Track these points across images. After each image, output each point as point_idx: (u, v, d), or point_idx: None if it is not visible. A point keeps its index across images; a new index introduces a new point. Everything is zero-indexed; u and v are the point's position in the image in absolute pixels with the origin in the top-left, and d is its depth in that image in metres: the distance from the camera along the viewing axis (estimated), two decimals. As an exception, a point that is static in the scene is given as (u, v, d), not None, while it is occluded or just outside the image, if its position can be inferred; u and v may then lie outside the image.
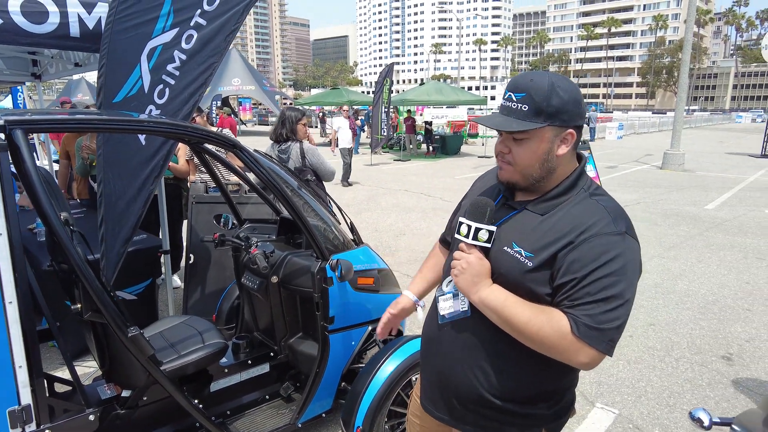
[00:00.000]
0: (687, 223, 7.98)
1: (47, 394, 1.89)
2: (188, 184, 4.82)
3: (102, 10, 2.97)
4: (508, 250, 1.26)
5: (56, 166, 5.52)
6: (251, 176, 3.08)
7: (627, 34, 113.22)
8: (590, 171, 10.81)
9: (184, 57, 2.91)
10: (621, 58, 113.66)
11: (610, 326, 1.15)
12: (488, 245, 1.28)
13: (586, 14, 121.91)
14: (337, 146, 12.31)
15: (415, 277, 1.73)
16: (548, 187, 1.29)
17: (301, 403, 2.50)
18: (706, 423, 1.55)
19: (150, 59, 2.89)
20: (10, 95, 12.67)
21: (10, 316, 1.57)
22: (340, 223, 2.80)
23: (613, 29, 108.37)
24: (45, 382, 1.82)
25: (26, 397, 1.63)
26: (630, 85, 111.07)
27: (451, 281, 1.37)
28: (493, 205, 1.29)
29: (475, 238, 1.27)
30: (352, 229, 2.85)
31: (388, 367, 2.31)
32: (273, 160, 2.84)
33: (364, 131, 20.07)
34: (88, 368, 3.36)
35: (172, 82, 2.94)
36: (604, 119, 32.59)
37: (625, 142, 25.51)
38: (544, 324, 1.17)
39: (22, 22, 2.71)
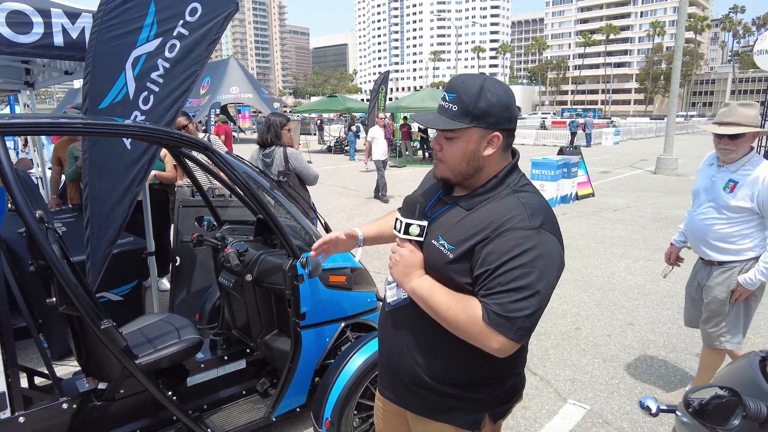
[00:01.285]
0: (676, 227, 8.03)
1: (28, 387, 1.98)
2: (175, 188, 4.92)
3: (86, 20, 3.08)
4: (435, 242, 1.35)
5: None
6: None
7: (625, 40, 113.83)
8: (581, 176, 10.93)
9: (167, 65, 3.05)
10: (619, 65, 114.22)
11: (518, 315, 1.20)
12: (421, 239, 1.37)
13: (583, 21, 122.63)
14: (370, 158, 11.21)
15: (372, 222, 1.80)
16: (477, 184, 1.37)
17: (275, 398, 2.59)
18: (654, 410, 1.64)
19: (134, 67, 3.02)
20: (7, 104, 12.82)
21: (-15, 307, 1.66)
22: (315, 224, 2.90)
23: (611, 36, 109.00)
24: (22, 373, 1.91)
25: (1, 385, 1.72)
26: (628, 91, 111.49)
27: None
28: (423, 202, 1.40)
29: (406, 232, 1.37)
30: (327, 229, 2.94)
31: (356, 361, 2.40)
32: (248, 163, 2.94)
33: (359, 138, 20.20)
34: (74, 367, 3.44)
35: (156, 89, 3.07)
36: (601, 125, 32.75)
37: (621, 147, 25.63)
38: (459, 311, 1.27)
39: (8, 33, 2.82)
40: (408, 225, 1.37)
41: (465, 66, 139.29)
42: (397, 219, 1.41)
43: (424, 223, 1.37)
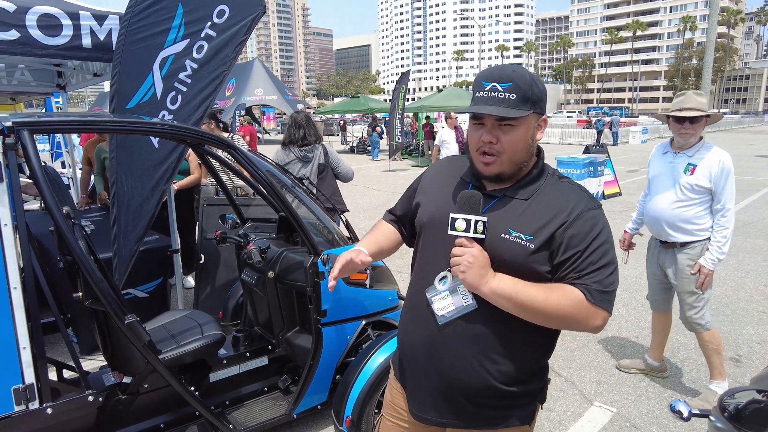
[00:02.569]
0: (706, 226, 7.81)
1: (57, 379, 2.03)
2: (200, 187, 5.00)
3: (112, 22, 3.15)
4: (507, 236, 1.29)
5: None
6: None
7: (653, 37, 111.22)
8: (608, 174, 10.70)
9: (195, 66, 3.12)
10: (647, 62, 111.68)
11: (613, 288, 1.29)
12: (483, 236, 1.30)
13: (610, 18, 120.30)
14: None
15: (367, 237, 1.66)
16: (522, 174, 1.37)
17: (296, 395, 2.59)
18: (685, 414, 1.57)
19: (162, 68, 3.09)
20: (44, 107, 13.26)
21: (15, 300, 1.71)
22: (337, 223, 2.90)
23: (639, 32, 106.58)
24: (51, 366, 1.95)
25: (30, 377, 1.76)
26: (657, 88, 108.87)
27: (444, 278, 1.36)
28: (482, 196, 1.32)
29: (474, 231, 1.29)
30: (348, 227, 2.94)
31: (377, 359, 2.38)
32: (271, 161, 2.96)
33: (383, 138, 20.22)
34: (102, 361, 3.52)
35: (184, 89, 3.14)
36: (627, 123, 32.04)
37: (649, 146, 25.03)
38: (560, 298, 1.26)
39: (39, 35, 2.90)
40: (476, 222, 1.27)
41: (489, 65, 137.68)
42: (456, 218, 1.30)
43: (485, 218, 1.30)
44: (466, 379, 1.35)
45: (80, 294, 1.99)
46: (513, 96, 1.27)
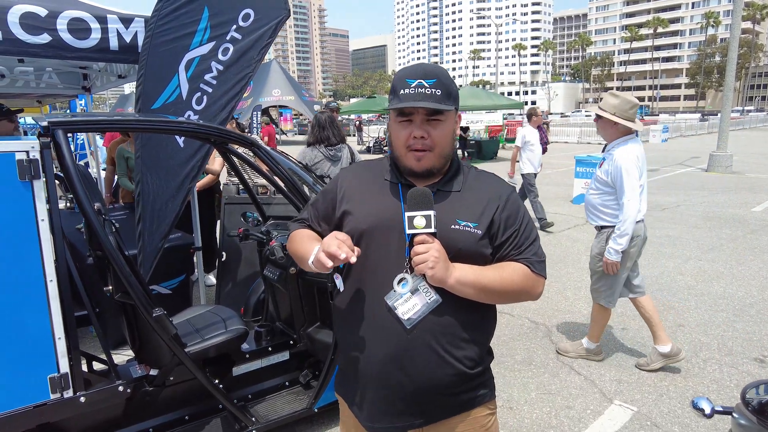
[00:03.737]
0: (730, 226, 7.68)
1: (87, 371, 2.10)
2: (220, 187, 5.08)
3: (138, 25, 3.24)
4: (457, 227, 1.35)
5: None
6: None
7: (674, 33, 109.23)
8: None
9: (221, 67, 3.22)
10: (668, 59, 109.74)
11: (545, 257, 1.45)
12: (435, 231, 1.30)
13: (630, 15, 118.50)
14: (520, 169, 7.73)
15: (309, 242, 1.44)
16: (445, 169, 1.43)
17: (317, 389, 2.63)
18: (708, 411, 1.58)
19: (188, 69, 3.20)
20: (69, 109, 13.59)
21: (51, 292, 1.78)
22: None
23: (660, 29, 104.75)
24: (84, 358, 2.02)
25: (64, 366, 1.83)
26: (678, 86, 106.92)
27: (403, 279, 1.32)
28: (431, 192, 1.32)
29: (433, 226, 1.29)
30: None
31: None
32: (293, 159, 3.01)
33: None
34: (127, 355, 3.61)
35: (210, 90, 3.24)
36: (648, 122, 31.54)
37: (669, 145, 24.62)
38: (512, 275, 1.37)
39: (69, 39, 3.00)
40: (432, 218, 1.27)
41: (506, 64, 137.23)
42: (414, 216, 1.28)
43: (435, 212, 1.30)
44: (439, 375, 1.36)
45: (110, 288, 2.06)
46: (438, 91, 1.32)
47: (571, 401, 3.16)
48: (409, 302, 1.33)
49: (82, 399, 1.94)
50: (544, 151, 8.30)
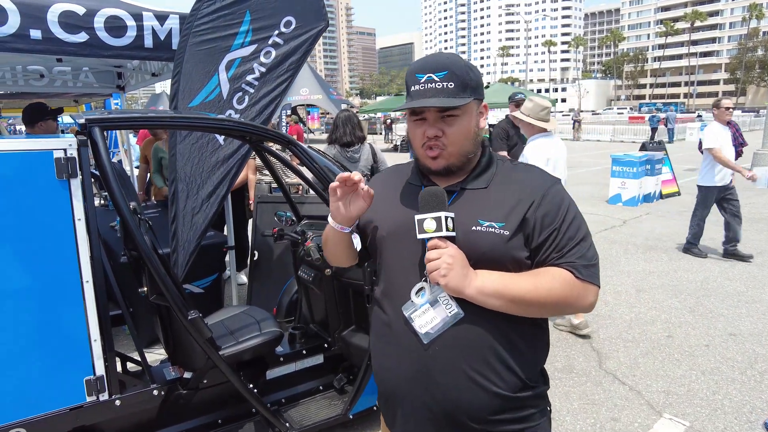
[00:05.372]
0: (778, 228, 7.30)
1: (121, 372, 2.07)
2: (247, 186, 5.07)
3: (173, 22, 3.22)
4: (479, 228, 1.20)
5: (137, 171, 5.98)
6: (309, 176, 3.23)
7: (712, 27, 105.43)
8: (666, 173, 10.18)
9: (263, 69, 3.29)
10: (705, 54, 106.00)
11: (596, 260, 1.23)
12: (454, 234, 1.19)
13: (665, 9, 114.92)
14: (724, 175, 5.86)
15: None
16: (471, 165, 1.29)
17: (352, 395, 2.55)
18: None
19: (228, 69, 3.25)
20: (104, 108, 13.95)
21: (87, 293, 1.74)
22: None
23: (697, 23, 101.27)
24: (117, 359, 1.99)
25: (100, 369, 1.80)
26: (716, 82, 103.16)
27: (421, 289, 1.23)
28: (444, 191, 1.22)
29: (445, 228, 1.17)
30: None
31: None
32: (330, 158, 2.93)
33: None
34: (159, 354, 3.61)
35: (251, 90, 3.30)
36: (683, 119, 30.51)
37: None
38: (550, 282, 1.18)
39: (105, 37, 2.99)
40: (446, 219, 1.16)
41: (535, 61, 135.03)
42: (424, 219, 1.17)
43: (453, 214, 1.19)
44: (469, 399, 1.20)
45: (145, 289, 2.02)
46: (451, 84, 1.19)
47: (616, 413, 3.00)
48: (426, 315, 1.21)
49: (118, 402, 1.90)
50: (739, 154, 6.20)
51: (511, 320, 1.21)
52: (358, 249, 1.40)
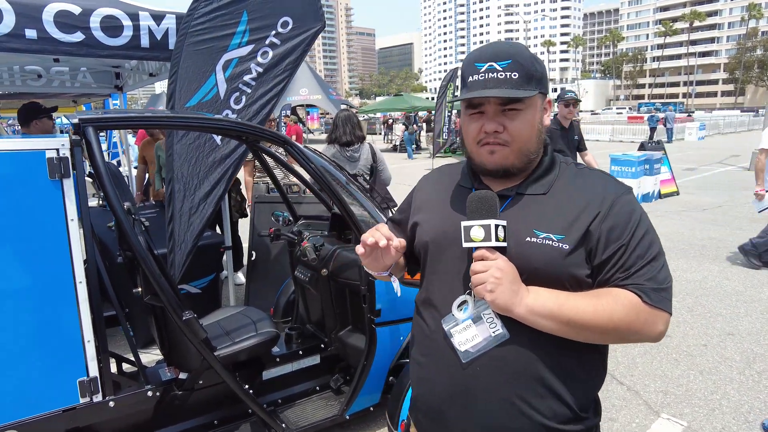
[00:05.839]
0: (777, 228, 7.29)
1: (116, 372, 2.06)
2: (240, 187, 5.07)
3: (169, 22, 3.22)
4: (534, 239, 1.08)
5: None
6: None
7: (711, 27, 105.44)
8: (665, 172, 10.18)
9: (260, 69, 3.29)
10: (704, 54, 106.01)
11: (669, 283, 1.09)
12: (505, 244, 1.07)
13: (664, 9, 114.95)
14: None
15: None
16: (531, 167, 1.16)
17: (349, 396, 2.54)
18: None
19: (225, 69, 3.25)
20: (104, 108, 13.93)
21: (80, 294, 1.73)
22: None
23: (696, 23, 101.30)
24: (112, 360, 1.98)
25: (94, 370, 1.79)
26: (715, 82, 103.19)
27: (464, 303, 1.12)
28: (497, 195, 1.09)
29: (495, 238, 1.05)
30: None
31: (433, 362, 2.30)
32: (326, 158, 2.93)
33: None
34: (156, 355, 3.60)
35: (249, 90, 3.30)
36: (682, 119, 30.53)
37: (707, 142, 23.75)
38: (612, 306, 1.04)
39: (101, 36, 2.99)
40: (497, 227, 1.05)
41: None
42: (471, 226, 1.06)
43: (505, 222, 1.07)
44: (511, 427, 1.10)
45: (140, 290, 2.01)
46: (515, 75, 1.07)
47: (614, 413, 2.99)
48: (467, 331, 1.11)
49: (111, 404, 1.89)
50: None
51: (564, 343, 1.08)
52: (398, 293, 1.34)
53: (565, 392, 1.10)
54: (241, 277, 5.13)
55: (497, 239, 1.04)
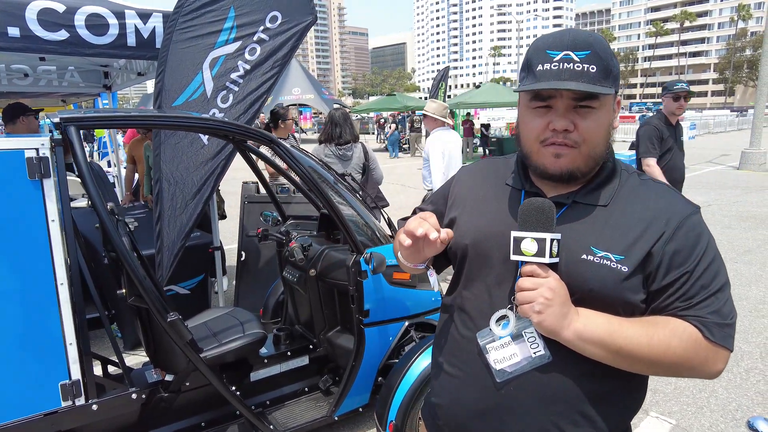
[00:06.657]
0: (766, 226, 7.35)
1: (102, 375, 2.03)
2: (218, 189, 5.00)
3: (156, 20, 3.19)
4: (590, 257, 0.97)
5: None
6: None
7: (702, 27, 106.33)
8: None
9: (248, 67, 3.23)
10: (694, 54, 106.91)
11: (734, 319, 0.99)
12: (557, 260, 0.97)
13: (655, 9, 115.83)
14: None
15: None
16: (591, 173, 1.04)
17: (337, 397, 2.53)
18: None
19: (212, 67, 3.20)
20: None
21: (62, 296, 1.70)
22: (379, 220, 2.82)
23: (686, 23, 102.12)
24: (97, 362, 1.95)
25: (76, 373, 1.76)
26: (705, 82, 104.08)
27: (504, 317, 1.03)
28: (554, 206, 0.97)
29: (549, 254, 0.95)
30: (390, 225, 2.85)
31: (421, 363, 2.29)
32: (313, 157, 2.91)
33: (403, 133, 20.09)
34: (146, 357, 3.56)
35: (236, 88, 3.24)
36: (675, 119, 30.66)
37: (697, 142, 23.94)
38: (669, 339, 0.95)
39: (86, 35, 2.95)
40: (552, 242, 0.95)
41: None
42: (519, 238, 0.97)
43: (559, 235, 0.97)
44: None
45: (124, 291, 1.98)
46: (593, 68, 0.94)
47: (603, 412, 3.00)
48: (506, 349, 1.02)
49: (95, 407, 1.87)
50: None
51: (607, 371, 1.00)
52: (435, 288, 1.22)
53: (601, 420, 1.02)
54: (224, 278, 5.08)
55: (551, 255, 0.95)
